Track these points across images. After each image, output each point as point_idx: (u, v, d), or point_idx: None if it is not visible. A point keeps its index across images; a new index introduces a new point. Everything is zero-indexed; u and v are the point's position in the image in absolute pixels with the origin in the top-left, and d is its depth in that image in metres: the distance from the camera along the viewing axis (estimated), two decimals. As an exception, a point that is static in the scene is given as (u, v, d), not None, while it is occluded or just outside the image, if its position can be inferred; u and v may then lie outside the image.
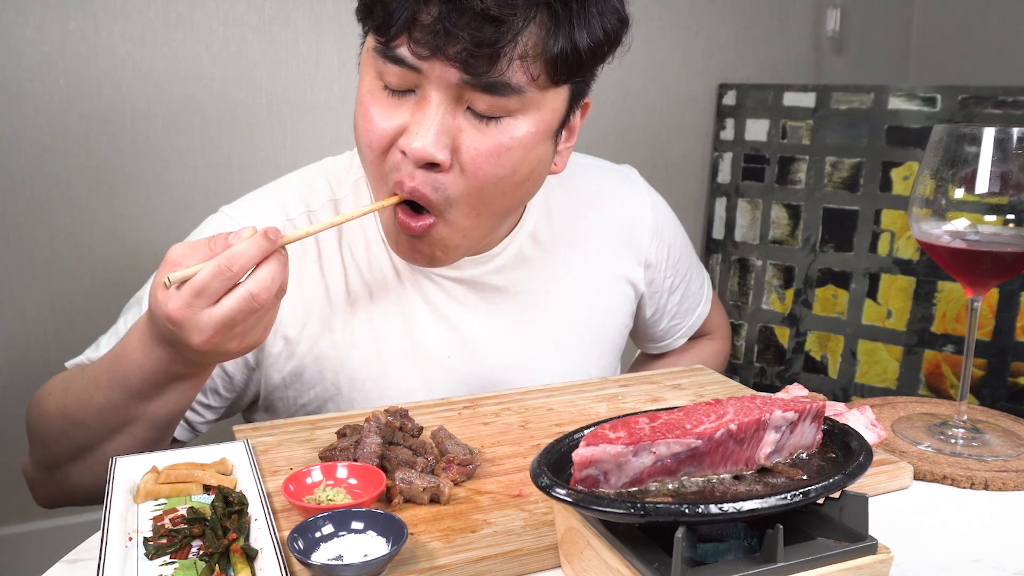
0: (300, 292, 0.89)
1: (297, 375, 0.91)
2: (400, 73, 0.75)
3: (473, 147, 0.77)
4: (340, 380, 0.91)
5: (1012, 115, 1.66)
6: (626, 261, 1.05)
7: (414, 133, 0.75)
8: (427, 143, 0.74)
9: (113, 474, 0.67)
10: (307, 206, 0.92)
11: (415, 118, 0.76)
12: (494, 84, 0.73)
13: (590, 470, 0.52)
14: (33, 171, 1.48)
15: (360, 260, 0.92)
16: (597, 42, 0.77)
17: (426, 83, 0.75)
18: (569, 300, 1.00)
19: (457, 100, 0.75)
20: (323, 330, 0.90)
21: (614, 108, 1.95)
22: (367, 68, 0.80)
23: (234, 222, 0.90)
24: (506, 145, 0.77)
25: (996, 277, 0.79)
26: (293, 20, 1.60)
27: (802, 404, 0.57)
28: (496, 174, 0.78)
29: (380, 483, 0.65)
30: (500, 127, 0.77)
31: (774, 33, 2.10)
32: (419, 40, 0.72)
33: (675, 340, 1.18)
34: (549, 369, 0.99)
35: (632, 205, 1.06)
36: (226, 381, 0.91)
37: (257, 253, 0.67)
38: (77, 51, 1.46)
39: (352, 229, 0.92)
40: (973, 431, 0.83)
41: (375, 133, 0.78)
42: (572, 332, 1.01)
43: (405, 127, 0.76)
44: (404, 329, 0.92)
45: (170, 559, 0.58)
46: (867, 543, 0.52)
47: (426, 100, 0.75)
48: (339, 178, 0.95)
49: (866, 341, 1.81)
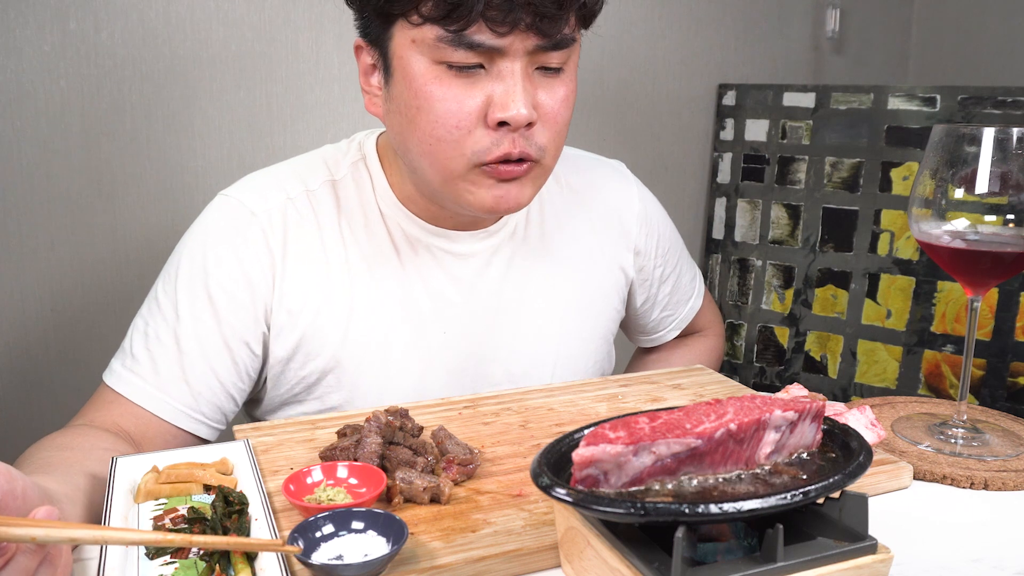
0: (301, 265, 0.92)
1: (299, 346, 0.93)
2: (469, 54, 0.79)
3: (549, 100, 0.84)
4: (341, 352, 0.93)
5: (1012, 115, 1.66)
6: (616, 248, 1.08)
7: (510, 101, 0.80)
8: (524, 107, 0.80)
9: (113, 474, 0.67)
10: (305, 185, 0.95)
11: (498, 89, 0.81)
12: (563, 39, 0.81)
13: (590, 470, 0.52)
14: (33, 171, 1.48)
15: (359, 236, 0.94)
16: None
17: (499, 56, 0.80)
18: (561, 281, 1.03)
19: (530, 63, 0.82)
20: (323, 302, 0.93)
21: (614, 108, 1.95)
22: (414, 59, 0.81)
23: (237, 202, 0.93)
24: (569, 89, 0.86)
25: (996, 277, 0.79)
26: (293, 20, 1.60)
27: (802, 404, 0.57)
28: (567, 117, 0.87)
29: (380, 483, 0.65)
30: (562, 77, 0.85)
31: (774, 33, 2.10)
32: (495, 19, 0.76)
33: (667, 332, 1.20)
34: (543, 347, 1.01)
35: (621, 194, 1.09)
36: (255, 360, 0.93)
37: None
38: (77, 51, 1.46)
39: (350, 206, 0.95)
40: (973, 431, 0.83)
41: (460, 114, 0.81)
42: (564, 311, 1.03)
43: (486, 102, 0.81)
44: (402, 302, 0.95)
45: (170, 559, 0.58)
46: (867, 543, 0.52)
47: (504, 71, 0.81)
48: (337, 160, 0.98)
49: (866, 341, 1.81)
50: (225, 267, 0.90)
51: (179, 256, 0.92)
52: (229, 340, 0.90)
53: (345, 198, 0.95)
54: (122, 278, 1.54)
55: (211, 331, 0.89)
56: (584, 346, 1.05)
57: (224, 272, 0.89)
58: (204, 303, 0.89)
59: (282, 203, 0.93)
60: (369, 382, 0.94)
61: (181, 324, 0.89)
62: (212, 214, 0.93)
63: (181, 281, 0.90)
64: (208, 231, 0.92)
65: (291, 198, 0.93)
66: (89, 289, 1.54)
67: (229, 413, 0.93)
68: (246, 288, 0.90)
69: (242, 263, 0.90)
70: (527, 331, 1.00)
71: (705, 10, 2.01)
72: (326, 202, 0.94)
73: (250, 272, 0.90)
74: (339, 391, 0.94)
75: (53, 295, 1.52)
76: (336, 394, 0.94)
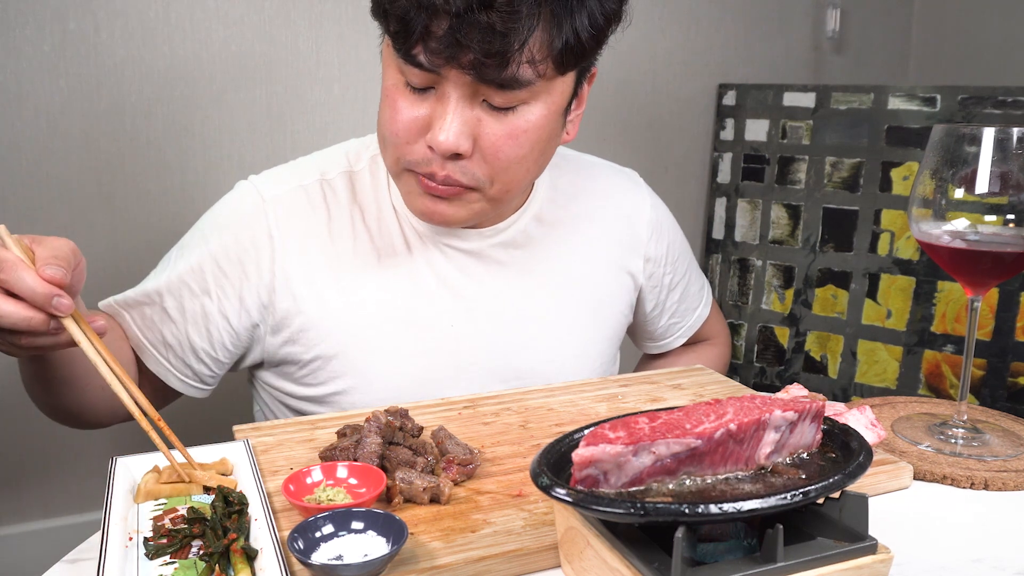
0: (309, 251, 0.95)
1: (304, 331, 0.95)
2: (419, 74, 0.81)
3: (492, 134, 0.83)
4: (345, 339, 0.95)
5: (1012, 115, 1.66)
6: (627, 252, 1.09)
7: (438, 128, 0.81)
8: (450, 137, 0.81)
9: (113, 474, 0.67)
10: (322, 174, 0.98)
11: (437, 113, 0.82)
12: (507, 82, 0.79)
13: (590, 470, 0.52)
14: (33, 171, 1.48)
15: (371, 226, 0.97)
16: (598, 28, 0.82)
17: (444, 82, 0.81)
18: (570, 282, 1.04)
19: (473, 95, 0.81)
20: (330, 289, 0.95)
21: (614, 108, 1.95)
22: (389, 63, 0.85)
23: (252, 187, 0.97)
24: (522, 128, 0.84)
25: (996, 277, 0.79)
26: (293, 20, 1.60)
27: (802, 404, 0.57)
28: (516, 155, 0.85)
29: (380, 483, 0.65)
30: (515, 115, 0.83)
31: (774, 33, 2.10)
32: (434, 50, 0.77)
33: (675, 339, 1.21)
34: (549, 345, 1.02)
35: (634, 201, 1.11)
36: (232, 336, 0.96)
37: (29, 294, 0.66)
38: (77, 51, 1.46)
39: (365, 197, 0.98)
40: (973, 431, 0.83)
41: (402, 124, 0.84)
42: (572, 312, 1.04)
43: (429, 120, 0.83)
44: (410, 294, 0.97)
45: (170, 559, 0.58)
46: (867, 543, 0.52)
47: (445, 97, 0.81)
48: (358, 153, 1.01)
49: (866, 341, 1.81)
50: (223, 244, 0.95)
51: (196, 226, 1.00)
52: (209, 311, 0.94)
53: (360, 189, 0.98)
54: (122, 278, 1.54)
55: (194, 297, 0.94)
56: (591, 347, 1.05)
57: (220, 248, 0.95)
58: (196, 273, 0.95)
59: (293, 190, 0.97)
60: (375, 371, 0.95)
61: (171, 284, 0.95)
62: (230, 195, 0.99)
63: (187, 248, 0.97)
64: (220, 211, 0.98)
65: (304, 186, 0.97)
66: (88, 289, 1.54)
67: (202, 374, 0.98)
68: (237, 267, 0.94)
69: (239, 244, 0.94)
70: (534, 329, 1.01)
71: (705, 10, 2.00)
72: (341, 191, 0.98)
73: (245, 254, 0.94)
74: (343, 377, 0.96)
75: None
76: (341, 380, 0.96)
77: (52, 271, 0.66)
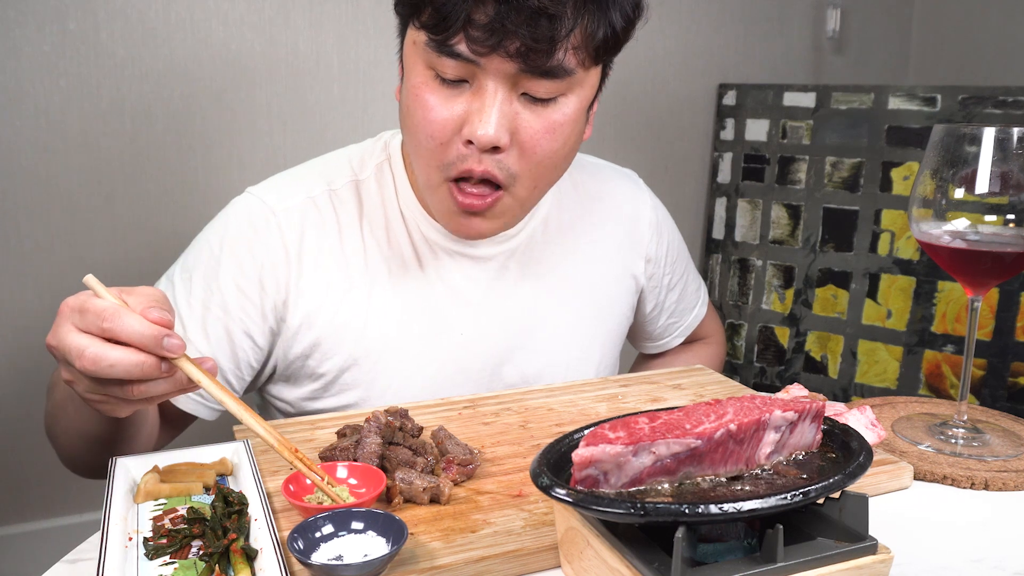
0: (319, 264, 0.93)
1: (316, 345, 0.94)
2: (456, 65, 0.79)
3: (530, 128, 0.82)
4: (358, 351, 0.94)
5: (1012, 115, 1.66)
6: (629, 255, 1.09)
7: (478, 121, 0.79)
8: (492, 129, 0.79)
9: (113, 474, 0.67)
10: (329, 185, 0.96)
11: (474, 107, 0.80)
12: (552, 70, 0.78)
13: (590, 470, 0.51)
14: (33, 171, 1.48)
15: (380, 237, 0.96)
16: (628, 21, 0.82)
17: (482, 74, 0.79)
18: (575, 286, 1.04)
19: (513, 87, 0.80)
20: (342, 302, 0.94)
21: (614, 108, 1.95)
22: (415, 60, 0.83)
23: (259, 200, 0.94)
24: (559, 122, 0.83)
25: (996, 277, 0.79)
26: (293, 20, 1.60)
27: (802, 404, 0.57)
28: (551, 149, 0.84)
29: (380, 483, 0.65)
30: (552, 108, 0.82)
31: (774, 33, 2.10)
32: (477, 38, 0.76)
33: (672, 339, 1.22)
34: (557, 350, 1.02)
35: (635, 202, 1.11)
36: (257, 353, 0.94)
37: (137, 337, 0.61)
38: (77, 51, 1.46)
39: (372, 207, 0.96)
40: (973, 431, 0.83)
41: (437, 124, 0.81)
42: (578, 316, 1.04)
43: (464, 116, 0.80)
44: (421, 304, 0.96)
45: (170, 559, 0.58)
46: (867, 543, 0.52)
47: (484, 89, 0.79)
48: (363, 161, 0.99)
49: (866, 341, 1.81)
50: (238, 262, 0.92)
51: (199, 246, 0.95)
52: (233, 332, 0.91)
53: (368, 199, 0.97)
54: (122, 278, 1.54)
55: (217, 320, 0.91)
56: (596, 350, 1.06)
57: (237, 267, 0.92)
58: (215, 294, 0.91)
59: (302, 202, 0.94)
60: (386, 381, 0.95)
61: (191, 311, 0.91)
62: (234, 209, 0.95)
63: (197, 271, 0.93)
64: (228, 226, 0.94)
65: (312, 197, 0.95)
66: (89, 289, 1.54)
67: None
68: (256, 284, 0.92)
69: (255, 259, 0.92)
70: (542, 334, 1.01)
71: (705, 10, 2.01)
72: (348, 202, 0.96)
73: (263, 269, 0.92)
74: (356, 389, 0.95)
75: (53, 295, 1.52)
76: (353, 392, 0.95)
77: (157, 314, 0.62)
